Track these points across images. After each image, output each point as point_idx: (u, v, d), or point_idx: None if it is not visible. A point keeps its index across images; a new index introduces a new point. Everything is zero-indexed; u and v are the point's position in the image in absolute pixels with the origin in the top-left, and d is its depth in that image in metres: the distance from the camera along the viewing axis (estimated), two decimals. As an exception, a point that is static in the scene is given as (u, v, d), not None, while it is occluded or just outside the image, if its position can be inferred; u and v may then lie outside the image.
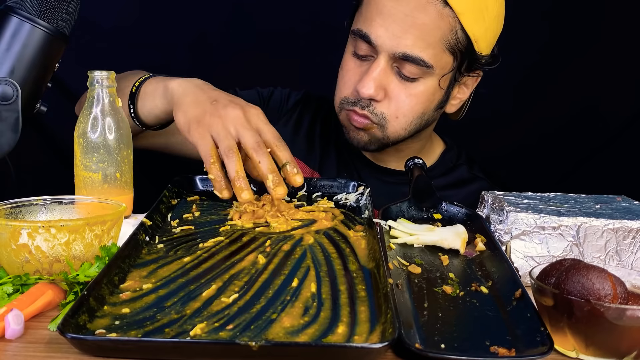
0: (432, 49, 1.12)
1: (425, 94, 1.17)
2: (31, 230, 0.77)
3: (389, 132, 1.20)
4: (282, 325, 0.67)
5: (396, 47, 1.12)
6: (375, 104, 1.17)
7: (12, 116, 0.92)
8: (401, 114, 1.18)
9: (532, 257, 0.87)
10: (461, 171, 1.35)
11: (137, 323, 0.67)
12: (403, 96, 1.16)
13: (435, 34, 1.12)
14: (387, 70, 1.15)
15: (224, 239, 0.90)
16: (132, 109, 1.13)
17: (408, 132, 1.21)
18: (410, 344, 0.63)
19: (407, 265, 0.84)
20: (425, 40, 1.11)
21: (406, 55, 1.12)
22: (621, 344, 0.66)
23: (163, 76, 1.13)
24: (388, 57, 1.14)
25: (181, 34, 1.67)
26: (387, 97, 1.17)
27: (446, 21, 1.11)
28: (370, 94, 1.15)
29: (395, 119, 1.18)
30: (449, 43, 1.13)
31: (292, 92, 1.41)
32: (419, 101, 1.18)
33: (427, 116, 1.22)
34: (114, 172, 0.99)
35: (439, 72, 1.15)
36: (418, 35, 1.11)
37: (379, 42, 1.13)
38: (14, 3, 0.92)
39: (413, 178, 1.08)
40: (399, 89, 1.16)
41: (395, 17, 1.11)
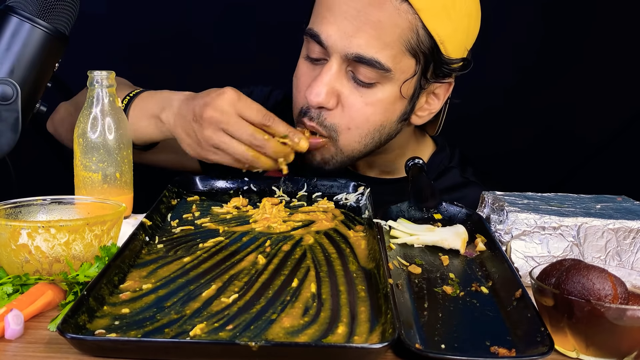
0: (389, 49, 1.01)
1: (384, 103, 1.05)
2: (31, 230, 0.77)
3: (342, 145, 1.08)
4: (282, 325, 0.67)
5: (348, 47, 1.01)
6: (326, 113, 1.06)
7: (12, 116, 0.92)
8: (354, 125, 1.06)
9: (532, 257, 0.87)
10: (452, 175, 1.24)
11: (136, 323, 0.67)
12: (358, 104, 1.04)
13: (393, 33, 1.00)
14: (340, 75, 1.04)
15: (224, 239, 0.90)
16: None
17: (364, 146, 1.09)
18: (410, 344, 0.63)
19: (407, 266, 0.84)
20: (381, 40, 1.00)
21: (360, 56, 1.01)
22: (621, 344, 0.65)
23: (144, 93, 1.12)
24: (340, 59, 1.03)
25: (181, 33, 1.67)
26: (339, 105, 1.05)
27: (404, 18, 1.00)
28: (320, 102, 1.03)
29: (347, 131, 1.06)
30: (409, 43, 1.01)
31: (273, 91, 1.32)
32: (377, 111, 1.05)
33: (388, 129, 1.09)
34: (114, 172, 0.99)
35: (399, 76, 1.04)
36: (372, 33, 1.00)
37: (329, 42, 1.02)
38: (13, 3, 0.92)
39: (413, 178, 1.08)
40: (353, 96, 1.04)
41: (347, 13, 1.00)
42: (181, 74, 1.69)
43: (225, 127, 0.98)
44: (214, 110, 0.98)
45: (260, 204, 1.03)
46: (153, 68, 1.67)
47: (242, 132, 0.98)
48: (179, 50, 1.69)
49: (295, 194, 1.11)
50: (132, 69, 1.49)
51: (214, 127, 0.99)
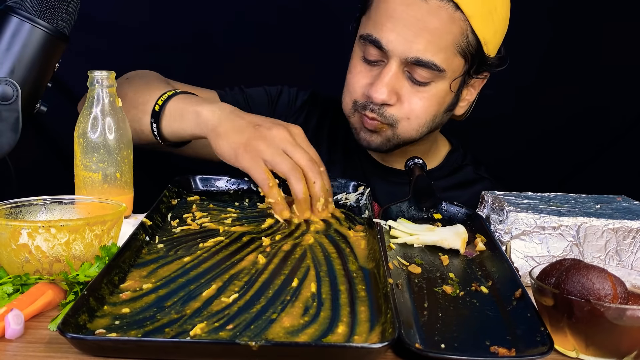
0: (443, 53, 1.12)
1: (437, 97, 1.17)
2: (31, 230, 0.77)
3: (400, 132, 1.19)
4: (282, 325, 0.67)
5: (408, 52, 1.11)
6: (387, 108, 1.16)
7: (12, 116, 0.92)
8: (413, 116, 1.17)
9: (532, 257, 0.87)
10: (467, 172, 1.34)
11: (137, 323, 0.67)
12: (415, 99, 1.16)
13: (447, 38, 1.11)
14: (398, 75, 1.14)
15: (224, 239, 0.90)
16: (155, 128, 1.11)
17: (419, 134, 1.21)
18: (410, 343, 0.63)
19: (407, 265, 0.84)
20: (437, 45, 1.11)
21: (418, 60, 1.11)
22: (621, 344, 0.66)
23: (185, 94, 1.12)
24: (399, 62, 1.13)
25: (181, 33, 1.67)
26: (399, 101, 1.16)
27: (457, 25, 1.11)
28: (383, 99, 1.14)
29: (406, 120, 1.17)
30: (460, 46, 1.13)
31: (299, 92, 1.40)
32: (431, 104, 1.17)
33: (438, 118, 1.21)
34: (114, 172, 0.99)
35: (450, 75, 1.15)
36: (430, 39, 1.10)
37: (390, 47, 1.12)
38: (14, 3, 0.92)
39: (413, 178, 1.08)
40: (410, 93, 1.15)
41: (407, 21, 1.10)
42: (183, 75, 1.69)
43: (290, 142, 0.99)
44: (285, 128, 1.00)
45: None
46: (153, 68, 1.67)
47: (301, 154, 0.98)
48: (181, 51, 1.69)
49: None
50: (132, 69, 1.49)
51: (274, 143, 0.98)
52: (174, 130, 1.10)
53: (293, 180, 0.96)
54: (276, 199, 0.97)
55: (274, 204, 0.98)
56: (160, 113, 1.10)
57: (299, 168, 0.97)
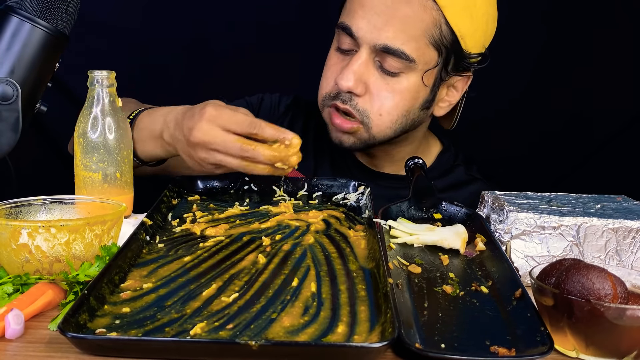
0: (414, 42, 1.10)
1: (409, 91, 1.14)
2: (31, 230, 0.77)
3: (375, 132, 1.17)
4: (282, 324, 0.67)
5: (377, 38, 1.10)
6: (356, 99, 1.15)
7: (12, 116, 0.92)
8: (385, 112, 1.15)
9: (532, 257, 0.87)
10: (458, 172, 1.32)
11: (137, 322, 0.67)
12: (385, 92, 1.14)
13: (418, 27, 1.10)
14: (368, 64, 1.13)
15: (224, 238, 0.90)
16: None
17: (394, 132, 1.18)
18: (410, 343, 0.63)
19: (407, 265, 0.84)
20: (407, 33, 1.09)
21: (387, 47, 1.10)
22: (621, 343, 0.66)
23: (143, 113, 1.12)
24: (369, 49, 1.12)
25: (181, 33, 1.67)
26: (367, 92, 1.14)
27: (429, 14, 1.10)
28: (350, 87, 1.12)
29: (379, 117, 1.15)
30: (432, 37, 1.11)
31: (282, 97, 1.39)
32: (403, 97, 1.15)
33: (413, 115, 1.18)
34: (114, 172, 0.99)
35: (422, 67, 1.13)
36: (399, 27, 1.09)
37: (359, 34, 1.11)
38: (14, 3, 0.92)
39: (413, 178, 1.08)
40: (380, 83, 1.13)
41: (377, 8, 1.10)
42: (182, 75, 1.70)
43: (214, 146, 1.00)
44: (198, 132, 1.00)
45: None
46: (153, 68, 1.67)
47: (230, 148, 0.99)
48: (180, 51, 1.69)
49: (295, 193, 1.11)
50: (132, 69, 1.50)
51: (205, 149, 1.00)
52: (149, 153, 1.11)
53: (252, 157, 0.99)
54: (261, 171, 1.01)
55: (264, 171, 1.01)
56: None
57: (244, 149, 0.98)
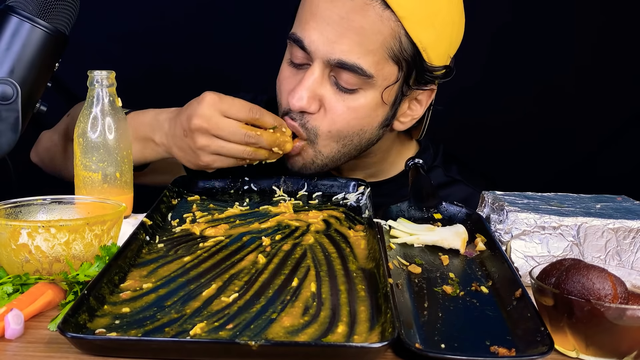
0: (371, 56, 1.01)
1: (366, 109, 1.05)
2: (31, 230, 0.77)
3: (321, 148, 1.08)
4: (282, 324, 0.67)
5: (331, 52, 1.01)
6: (308, 116, 1.06)
7: (12, 116, 0.92)
8: (335, 129, 1.06)
9: (532, 257, 0.87)
10: (436, 175, 1.21)
11: (137, 322, 0.67)
12: (340, 109, 1.05)
13: (375, 40, 1.00)
14: (322, 80, 1.04)
15: (224, 238, 0.90)
16: None
17: (343, 149, 1.09)
18: (410, 343, 0.63)
19: (407, 265, 0.84)
20: (364, 46, 1.00)
21: (342, 62, 1.00)
22: (621, 344, 0.66)
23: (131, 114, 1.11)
24: (323, 64, 1.02)
25: (181, 33, 1.68)
26: (322, 109, 1.05)
27: (387, 25, 1.00)
28: (302, 106, 1.04)
29: (327, 134, 1.06)
30: (391, 50, 1.01)
31: (257, 95, 1.28)
32: (358, 116, 1.05)
33: (369, 134, 1.09)
34: (114, 172, 0.99)
35: (381, 83, 1.03)
36: (355, 40, 1.00)
37: (312, 47, 1.02)
38: (13, 3, 0.92)
39: (413, 178, 1.08)
40: (335, 100, 1.04)
41: (330, 19, 1.00)
42: (181, 75, 1.70)
43: (216, 132, 1.00)
44: (199, 118, 1.00)
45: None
46: (154, 68, 1.67)
47: (234, 134, 1.00)
48: (179, 51, 1.69)
49: (295, 193, 1.11)
50: (132, 69, 1.49)
51: (206, 135, 1.00)
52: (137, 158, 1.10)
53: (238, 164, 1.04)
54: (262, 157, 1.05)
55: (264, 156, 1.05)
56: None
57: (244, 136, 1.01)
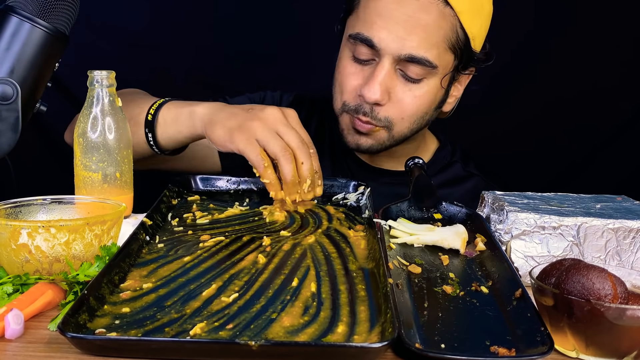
0: (435, 49, 1.12)
1: (429, 94, 1.17)
2: (31, 230, 0.77)
3: (395, 133, 1.19)
4: (282, 324, 0.67)
5: (401, 49, 1.11)
6: (378, 108, 1.16)
7: (12, 116, 0.92)
8: (407, 116, 1.18)
9: (532, 257, 0.87)
10: (456, 169, 1.34)
11: (137, 322, 0.67)
12: (408, 98, 1.16)
13: (438, 34, 1.12)
14: (391, 73, 1.14)
15: (224, 238, 0.90)
16: (150, 138, 1.12)
17: (411, 132, 1.21)
18: (410, 343, 0.63)
19: (407, 265, 0.84)
20: (429, 41, 1.11)
21: (412, 56, 1.11)
22: (621, 343, 0.66)
23: (178, 100, 1.13)
24: (392, 59, 1.13)
25: (181, 33, 1.67)
26: (390, 101, 1.16)
27: (448, 20, 1.12)
28: (377, 99, 1.14)
29: (400, 120, 1.18)
30: (450, 42, 1.13)
31: (283, 94, 1.40)
32: (423, 102, 1.17)
33: (429, 115, 1.22)
34: (114, 172, 0.99)
35: (442, 71, 1.16)
36: (422, 35, 1.11)
37: (382, 45, 1.12)
38: (13, 3, 0.92)
39: (413, 178, 1.08)
40: (403, 91, 1.15)
41: (398, 19, 1.11)
42: (181, 76, 1.70)
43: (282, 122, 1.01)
44: (278, 109, 1.03)
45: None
46: (154, 68, 1.67)
47: (293, 135, 1.01)
48: (179, 51, 1.69)
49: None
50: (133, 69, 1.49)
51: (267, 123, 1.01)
52: (170, 135, 1.11)
53: (283, 161, 0.99)
54: (271, 180, 1.00)
55: (268, 185, 1.01)
56: (154, 121, 1.11)
57: (289, 149, 1.00)
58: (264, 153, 1.00)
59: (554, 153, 1.76)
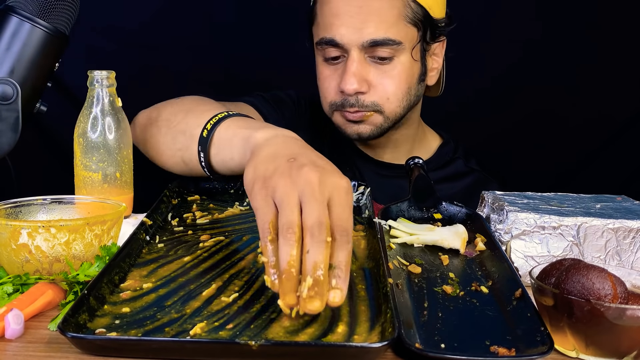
0: (394, 27, 1.18)
1: (404, 71, 1.22)
2: (31, 230, 0.77)
3: (388, 114, 1.24)
4: (281, 324, 0.67)
5: (362, 37, 1.17)
6: (362, 96, 1.21)
7: (12, 116, 0.92)
8: (391, 95, 1.22)
9: (532, 257, 0.87)
10: (457, 165, 1.38)
11: (137, 322, 0.67)
12: (385, 80, 1.21)
13: (392, 13, 1.18)
14: (362, 62, 1.19)
15: (224, 238, 0.90)
16: (202, 158, 0.97)
17: (403, 109, 1.25)
18: (410, 343, 0.63)
19: (407, 265, 0.84)
20: (386, 22, 1.17)
21: (374, 40, 1.17)
22: (621, 343, 0.66)
23: (241, 116, 0.97)
24: (358, 49, 1.18)
25: (182, 33, 1.67)
26: (371, 87, 1.21)
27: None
28: (355, 88, 1.19)
29: (387, 101, 1.22)
30: (407, 17, 1.19)
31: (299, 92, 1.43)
32: (401, 79, 1.22)
33: (415, 90, 1.26)
34: (114, 172, 0.99)
35: (408, 45, 1.21)
36: (377, 20, 1.17)
37: (344, 40, 1.18)
38: (13, 3, 0.92)
39: (413, 178, 1.08)
40: (378, 74, 1.20)
41: (351, 12, 1.17)
42: (184, 76, 1.69)
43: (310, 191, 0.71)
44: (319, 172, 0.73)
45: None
46: (154, 68, 1.66)
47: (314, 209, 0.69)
48: (180, 52, 1.69)
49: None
50: (133, 69, 1.49)
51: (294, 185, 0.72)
52: (223, 158, 0.95)
53: (281, 240, 0.68)
54: (268, 258, 0.69)
55: (265, 264, 0.70)
56: (209, 139, 0.95)
57: (297, 228, 0.69)
58: (275, 223, 0.71)
59: (554, 153, 1.76)
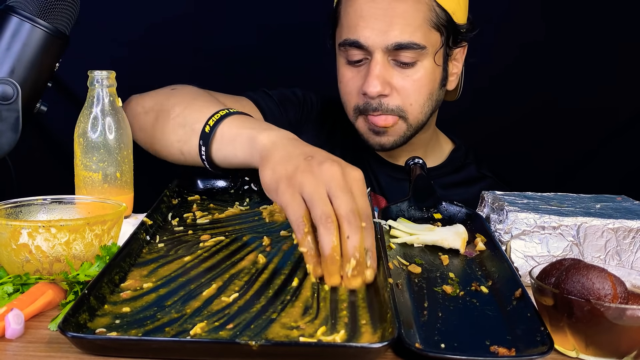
0: (419, 31, 1.18)
1: (427, 75, 1.22)
2: (31, 230, 0.77)
3: (411, 121, 1.24)
4: (282, 324, 0.67)
5: (387, 40, 1.16)
6: (385, 100, 1.21)
7: (12, 116, 0.92)
8: (414, 100, 1.22)
9: (532, 257, 0.87)
10: (470, 170, 1.39)
11: (137, 322, 0.67)
12: (408, 84, 1.21)
13: (417, 17, 1.18)
14: (385, 65, 1.19)
15: (224, 238, 0.90)
16: (203, 152, 1.00)
17: (425, 115, 1.25)
18: (410, 343, 0.63)
19: (407, 265, 0.84)
20: (411, 25, 1.17)
21: (399, 44, 1.17)
22: (621, 343, 0.66)
23: (242, 114, 1.02)
24: (382, 52, 1.18)
25: (182, 33, 1.67)
26: (393, 90, 1.21)
27: (423, 2, 1.18)
28: (378, 91, 1.18)
29: (410, 107, 1.22)
30: (431, 21, 1.19)
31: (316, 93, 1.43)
32: (424, 83, 1.22)
33: (436, 95, 1.26)
34: (114, 172, 0.99)
35: (431, 50, 1.21)
36: (403, 23, 1.16)
37: (369, 42, 1.17)
38: (14, 3, 0.92)
39: (413, 178, 1.08)
40: (401, 78, 1.20)
41: (377, 14, 1.17)
42: (184, 76, 1.69)
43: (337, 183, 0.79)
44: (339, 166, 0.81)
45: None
46: (154, 68, 1.67)
47: (346, 200, 0.78)
48: (180, 52, 1.69)
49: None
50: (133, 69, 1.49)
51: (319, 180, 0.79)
52: (225, 154, 0.99)
53: (322, 230, 0.76)
54: (308, 249, 0.77)
55: (305, 255, 0.78)
56: (211, 135, 0.99)
57: (334, 217, 0.77)
58: (307, 215, 0.78)
59: (554, 153, 1.76)
